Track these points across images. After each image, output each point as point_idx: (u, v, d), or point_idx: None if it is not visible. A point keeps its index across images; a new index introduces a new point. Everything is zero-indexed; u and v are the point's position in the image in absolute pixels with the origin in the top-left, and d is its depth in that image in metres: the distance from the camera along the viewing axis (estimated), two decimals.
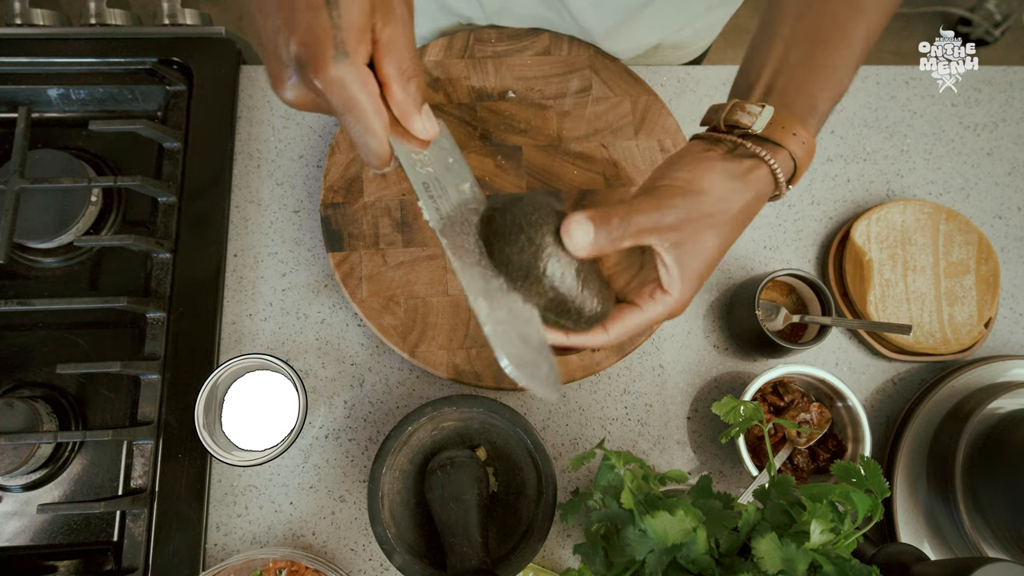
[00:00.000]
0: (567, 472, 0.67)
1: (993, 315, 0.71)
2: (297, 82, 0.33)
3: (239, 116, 0.75)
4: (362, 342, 0.69)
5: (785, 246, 0.75)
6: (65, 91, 0.73)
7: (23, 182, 0.65)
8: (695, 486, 0.52)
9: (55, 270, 0.70)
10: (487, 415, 0.60)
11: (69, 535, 0.64)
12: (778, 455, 0.65)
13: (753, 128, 0.42)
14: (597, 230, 0.38)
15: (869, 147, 0.78)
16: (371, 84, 0.34)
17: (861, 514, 0.45)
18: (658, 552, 0.44)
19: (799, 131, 0.42)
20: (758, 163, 0.42)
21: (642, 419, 0.69)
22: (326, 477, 0.66)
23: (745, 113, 0.43)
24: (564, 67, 0.75)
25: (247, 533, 0.64)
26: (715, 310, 0.72)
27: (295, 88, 0.33)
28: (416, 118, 0.37)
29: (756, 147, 0.42)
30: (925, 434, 0.66)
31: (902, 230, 0.72)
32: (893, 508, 0.64)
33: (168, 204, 0.71)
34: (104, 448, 0.65)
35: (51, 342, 0.68)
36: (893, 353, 0.70)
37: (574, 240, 0.38)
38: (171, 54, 0.74)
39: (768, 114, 0.42)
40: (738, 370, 0.71)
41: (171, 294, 0.68)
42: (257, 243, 0.71)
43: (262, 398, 0.61)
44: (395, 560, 0.55)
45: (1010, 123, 0.80)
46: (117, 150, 0.74)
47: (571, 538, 0.66)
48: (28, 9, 0.75)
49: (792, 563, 0.42)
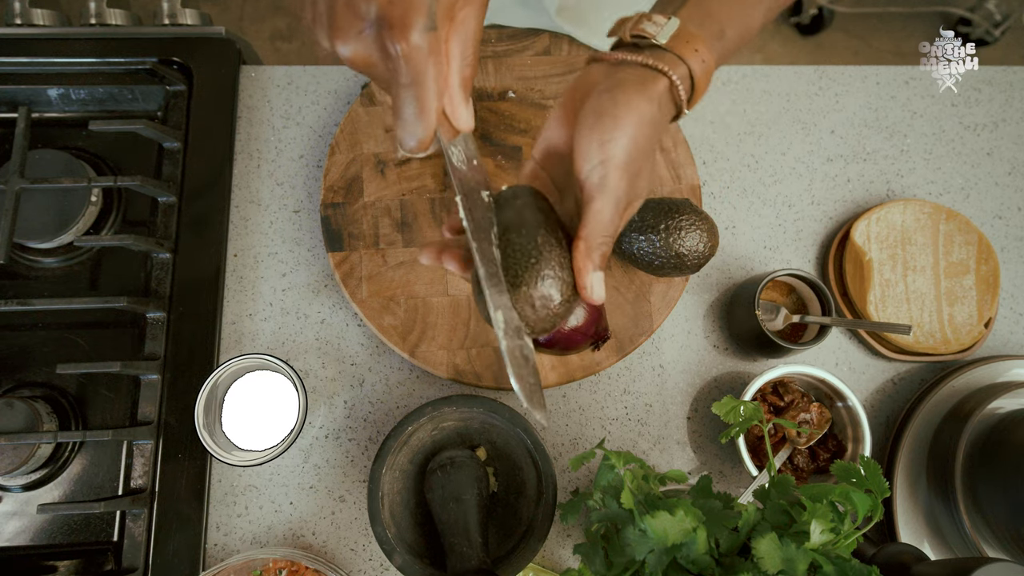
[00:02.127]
0: (567, 472, 0.67)
1: (993, 315, 0.71)
2: (368, 38, 0.31)
3: (239, 116, 0.75)
4: (362, 342, 0.69)
5: (785, 246, 0.75)
6: (65, 91, 0.73)
7: (23, 182, 0.65)
8: (695, 486, 0.52)
9: (55, 270, 0.70)
10: (487, 415, 0.60)
11: (69, 535, 0.64)
12: (778, 455, 0.65)
13: (657, 38, 0.41)
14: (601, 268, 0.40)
15: (869, 147, 0.78)
16: (442, 64, 0.33)
17: (861, 514, 0.45)
18: (658, 552, 0.44)
19: (701, 49, 0.41)
20: (658, 77, 0.41)
21: (642, 419, 0.69)
22: (326, 477, 0.66)
23: (651, 23, 0.42)
24: (564, 67, 0.75)
25: (247, 533, 0.64)
26: (715, 310, 0.72)
27: (362, 43, 0.31)
28: (462, 107, 0.36)
29: (658, 61, 0.41)
30: (925, 434, 0.66)
31: (902, 230, 0.72)
32: (893, 508, 0.64)
33: (168, 204, 0.71)
34: (104, 448, 0.65)
35: (51, 342, 0.68)
36: (893, 353, 0.70)
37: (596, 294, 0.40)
38: (171, 54, 0.74)
39: (673, 26, 0.42)
40: (738, 370, 0.71)
41: (171, 294, 0.68)
42: (257, 243, 0.71)
43: (262, 398, 0.61)
44: (395, 560, 0.55)
45: (1010, 123, 0.80)
46: (117, 150, 0.74)
47: (571, 538, 0.66)
48: (28, 9, 0.75)
49: (792, 563, 0.42)
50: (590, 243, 0.39)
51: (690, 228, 0.59)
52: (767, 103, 0.79)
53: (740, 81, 0.79)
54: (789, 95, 0.79)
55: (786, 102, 0.79)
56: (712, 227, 0.60)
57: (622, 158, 0.39)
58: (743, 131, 0.78)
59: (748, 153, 0.77)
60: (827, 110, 0.79)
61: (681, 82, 0.41)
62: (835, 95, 0.79)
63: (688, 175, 0.72)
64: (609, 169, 0.39)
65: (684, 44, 0.41)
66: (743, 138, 0.77)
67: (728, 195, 0.76)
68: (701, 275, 0.73)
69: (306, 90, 0.76)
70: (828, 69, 0.80)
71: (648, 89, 0.40)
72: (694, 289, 0.73)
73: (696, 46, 0.41)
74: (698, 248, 0.59)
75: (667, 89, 0.41)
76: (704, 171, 0.76)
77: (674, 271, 0.61)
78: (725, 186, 0.76)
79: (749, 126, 0.78)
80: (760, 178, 0.76)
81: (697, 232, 0.59)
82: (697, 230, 0.59)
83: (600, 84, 0.41)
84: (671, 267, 0.60)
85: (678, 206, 0.60)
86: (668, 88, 0.41)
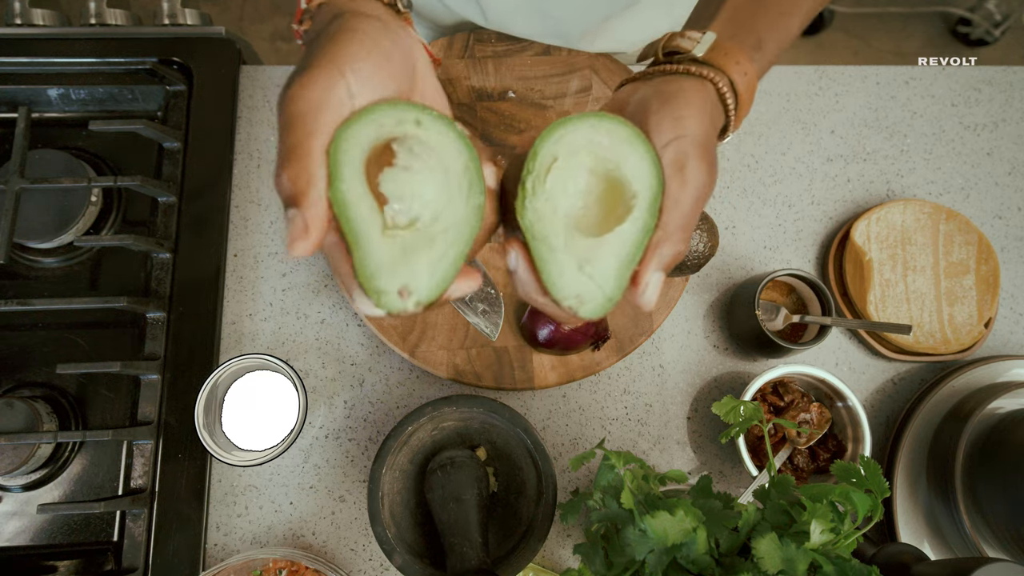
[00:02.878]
0: (567, 472, 0.67)
1: (993, 315, 0.71)
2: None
3: (239, 116, 0.75)
4: (362, 342, 0.69)
5: (785, 246, 0.75)
6: (65, 91, 0.73)
7: (23, 182, 0.65)
8: (695, 486, 0.52)
9: (55, 270, 0.70)
10: (487, 415, 0.60)
11: (69, 535, 0.64)
12: (778, 455, 0.65)
13: (694, 52, 0.39)
14: (667, 270, 0.35)
15: (869, 147, 0.78)
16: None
17: (861, 514, 0.45)
18: (658, 552, 0.44)
19: (742, 61, 0.39)
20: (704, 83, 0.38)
21: (642, 419, 0.69)
22: (326, 477, 0.66)
23: (685, 39, 0.40)
24: (564, 67, 0.75)
25: (247, 533, 0.64)
26: (715, 310, 0.72)
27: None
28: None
29: (700, 69, 0.38)
30: (925, 434, 0.66)
31: (902, 230, 0.72)
32: (893, 508, 0.64)
33: (168, 204, 0.71)
34: (104, 448, 0.65)
35: (51, 342, 0.68)
36: (893, 353, 0.70)
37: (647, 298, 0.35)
38: (171, 54, 0.74)
39: (710, 39, 0.39)
40: (738, 370, 0.71)
41: (171, 294, 0.68)
42: (257, 243, 0.71)
43: (262, 398, 0.61)
44: (395, 560, 0.55)
45: (1010, 123, 0.80)
46: (117, 150, 0.74)
47: (571, 538, 0.66)
48: (28, 9, 0.75)
49: (792, 563, 0.42)
50: (666, 234, 0.34)
51: None
52: (767, 103, 0.79)
53: None
54: (789, 95, 0.79)
55: (786, 102, 0.79)
56: (712, 227, 0.60)
57: (700, 134, 0.35)
58: (743, 131, 0.78)
59: (748, 153, 0.77)
60: (827, 110, 0.79)
61: (727, 90, 0.38)
62: (835, 95, 0.79)
63: None
64: (687, 145, 0.34)
65: (723, 56, 0.39)
66: (743, 138, 0.77)
67: (728, 195, 0.76)
68: (701, 275, 0.73)
69: None
70: (828, 69, 0.80)
71: (703, 86, 0.38)
72: (694, 289, 0.73)
73: (737, 58, 0.39)
74: (698, 248, 0.59)
75: (716, 95, 0.38)
76: None
77: (674, 271, 0.61)
78: (725, 186, 0.76)
79: (749, 126, 0.78)
80: (760, 178, 0.76)
81: (697, 232, 0.59)
82: (697, 230, 0.59)
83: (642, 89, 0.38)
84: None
85: None
86: (716, 94, 0.38)
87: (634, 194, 0.34)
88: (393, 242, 0.32)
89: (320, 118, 0.31)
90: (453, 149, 0.33)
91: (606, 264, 0.33)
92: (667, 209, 0.34)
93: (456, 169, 0.33)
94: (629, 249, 0.34)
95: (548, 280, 0.33)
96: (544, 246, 0.33)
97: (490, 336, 0.64)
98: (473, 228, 0.33)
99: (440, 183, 0.33)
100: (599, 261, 0.33)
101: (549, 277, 0.33)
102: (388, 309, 0.31)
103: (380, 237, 0.32)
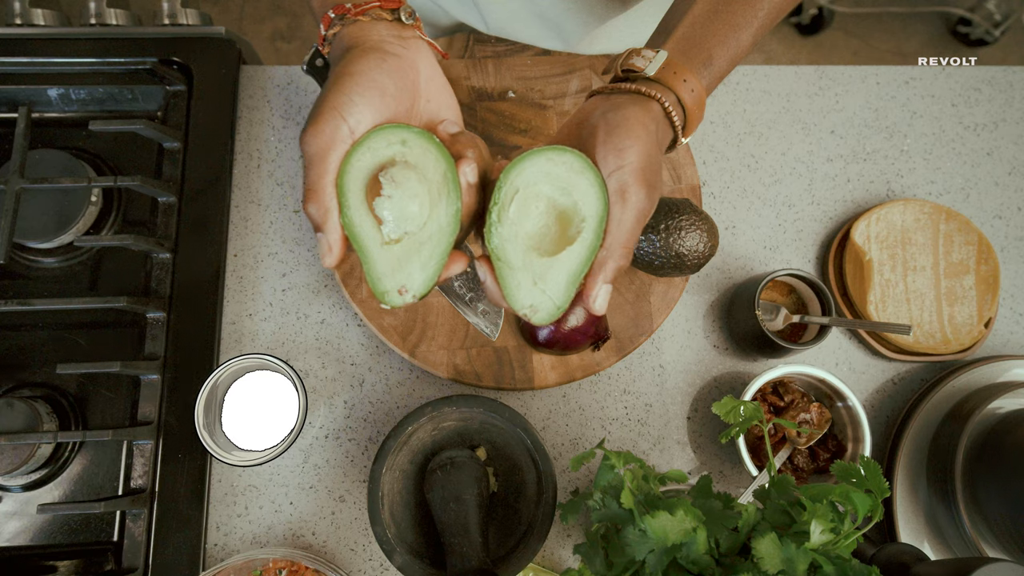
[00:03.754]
0: (567, 472, 0.67)
1: (993, 315, 0.71)
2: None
3: (239, 116, 0.75)
4: (362, 342, 0.69)
5: (785, 246, 0.75)
6: (65, 91, 0.73)
7: (23, 182, 0.65)
8: (695, 486, 0.52)
9: (55, 270, 0.70)
10: (487, 415, 0.60)
11: (69, 535, 0.64)
12: (778, 455, 0.65)
13: (645, 71, 0.44)
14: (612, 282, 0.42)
15: (869, 147, 0.78)
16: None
17: (861, 514, 0.45)
18: (658, 552, 0.44)
19: (690, 78, 0.44)
20: (650, 102, 0.43)
21: (642, 419, 0.69)
22: (326, 477, 0.66)
23: (640, 57, 0.45)
24: (564, 67, 0.75)
25: (247, 533, 0.64)
26: (715, 310, 0.72)
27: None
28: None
29: (649, 88, 0.43)
30: (925, 434, 0.66)
31: (902, 230, 0.72)
32: (893, 508, 0.64)
33: (168, 204, 0.71)
34: (104, 448, 0.65)
35: (51, 342, 0.68)
36: (893, 353, 0.70)
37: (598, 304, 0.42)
38: (171, 54, 0.74)
39: (661, 59, 0.44)
40: (738, 370, 0.71)
41: (171, 294, 0.68)
42: (257, 243, 0.71)
43: (262, 398, 0.61)
44: (395, 560, 0.55)
45: (1010, 123, 0.80)
46: (117, 150, 0.74)
47: (571, 538, 0.66)
48: (28, 9, 0.75)
49: (792, 563, 0.42)
50: (610, 252, 0.41)
51: (690, 228, 0.59)
52: (767, 103, 0.79)
53: (740, 81, 0.79)
54: (789, 95, 0.79)
55: (786, 102, 0.79)
56: (712, 227, 0.60)
57: (639, 164, 0.41)
58: (743, 131, 0.78)
59: (748, 153, 0.77)
60: (827, 110, 0.79)
61: (673, 108, 0.44)
62: (835, 95, 0.79)
63: (688, 175, 0.72)
64: (627, 175, 0.41)
65: (672, 75, 0.44)
66: (743, 138, 0.77)
67: (728, 195, 0.76)
68: (701, 275, 0.73)
69: (306, 90, 0.76)
70: (828, 69, 0.80)
71: (647, 109, 0.43)
72: (694, 289, 0.73)
73: (684, 76, 0.44)
74: (698, 248, 0.59)
75: (662, 113, 0.44)
76: (704, 171, 0.76)
77: (674, 271, 0.61)
78: (725, 186, 0.76)
79: (749, 126, 0.78)
80: (760, 178, 0.76)
81: (697, 232, 0.59)
82: (697, 230, 0.59)
83: (599, 108, 0.44)
84: (671, 267, 0.60)
85: (678, 206, 0.60)
86: (662, 112, 0.44)
87: (583, 218, 0.41)
88: (391, 253, 0.41)
89: (328, 158, 0.39)
90: (432, 160, 0.41)
91: (557, 279, 0.41)
92: (610, 231, 0.41)
93: (436, 179, 0.41)
94: (577, 266, 0.41)
95: (508, 293, 0.41)
96: (505, 266, 0.41)
97: (490, 336, 0.64)
98: (453, 231, 0.41)
99: (423, 197, 0.41)
100: (551, 277, 0.41)
101: (508, 290, 0.41)
102: (392, 305, 0.40)
103: (380, 250, 0.40)
